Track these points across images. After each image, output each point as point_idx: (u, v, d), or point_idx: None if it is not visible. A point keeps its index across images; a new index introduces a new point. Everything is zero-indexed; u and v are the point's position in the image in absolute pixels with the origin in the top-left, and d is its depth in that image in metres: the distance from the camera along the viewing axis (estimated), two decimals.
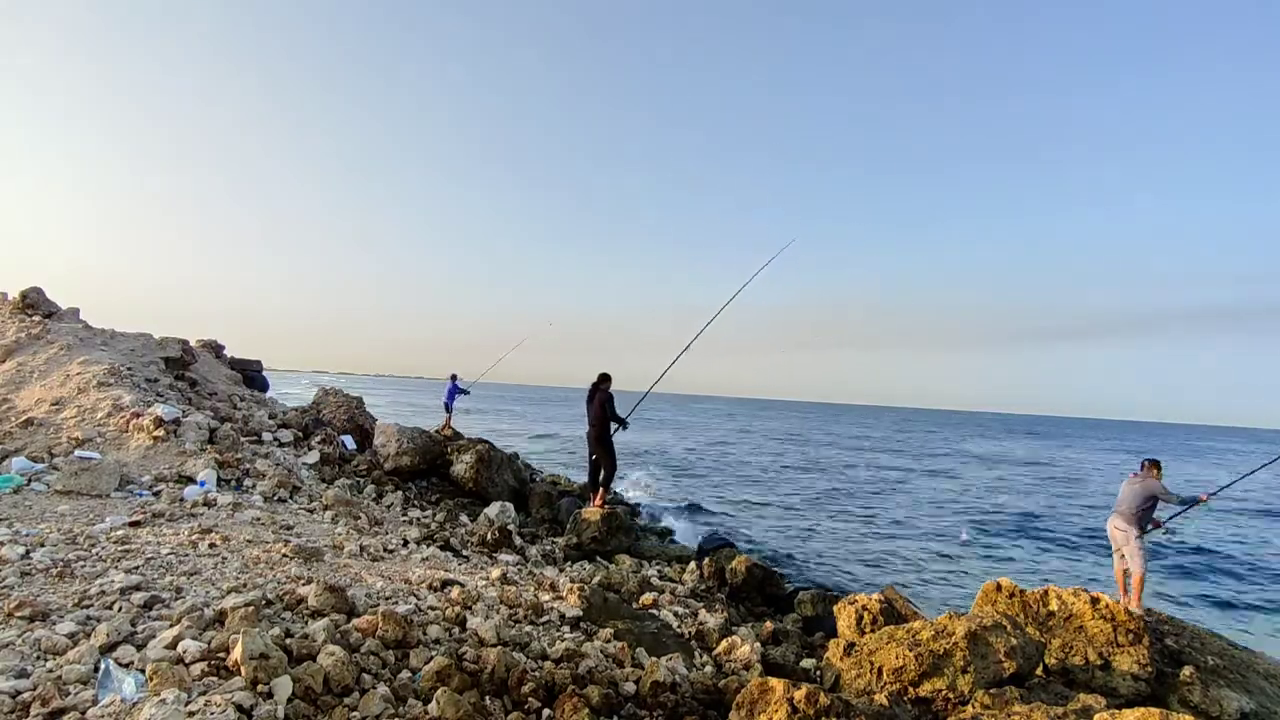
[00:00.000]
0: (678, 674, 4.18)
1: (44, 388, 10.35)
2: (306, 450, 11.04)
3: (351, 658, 3.44)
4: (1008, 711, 3.85)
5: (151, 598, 4.09)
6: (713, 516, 16.57)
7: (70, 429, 9.01)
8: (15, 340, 11.81)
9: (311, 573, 5.18)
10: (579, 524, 9.01)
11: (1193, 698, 5.16)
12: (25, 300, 13.54)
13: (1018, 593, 5.81)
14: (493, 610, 4.92)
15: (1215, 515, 20.88)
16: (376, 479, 10.68)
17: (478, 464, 11.38)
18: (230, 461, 8.88)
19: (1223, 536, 17.45)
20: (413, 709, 3.22)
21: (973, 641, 4.30)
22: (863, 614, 5.75)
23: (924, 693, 4.18)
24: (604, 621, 5.11)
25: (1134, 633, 5.32)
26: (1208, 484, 7.01)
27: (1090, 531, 17.28)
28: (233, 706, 2.78)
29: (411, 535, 7.71)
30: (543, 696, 3.61)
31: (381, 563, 6.20)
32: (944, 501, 21.58)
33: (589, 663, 4.15)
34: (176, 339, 14.16)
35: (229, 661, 3.20)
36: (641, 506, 15.49)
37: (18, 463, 7.65)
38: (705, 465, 28.64)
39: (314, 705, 3.09)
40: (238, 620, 3.67)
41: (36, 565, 4.56)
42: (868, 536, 15.22)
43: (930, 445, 51.83)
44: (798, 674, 5.17)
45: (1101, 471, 36.14)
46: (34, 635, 3.44)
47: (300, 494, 8.66)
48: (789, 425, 76.29)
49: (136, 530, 5.91)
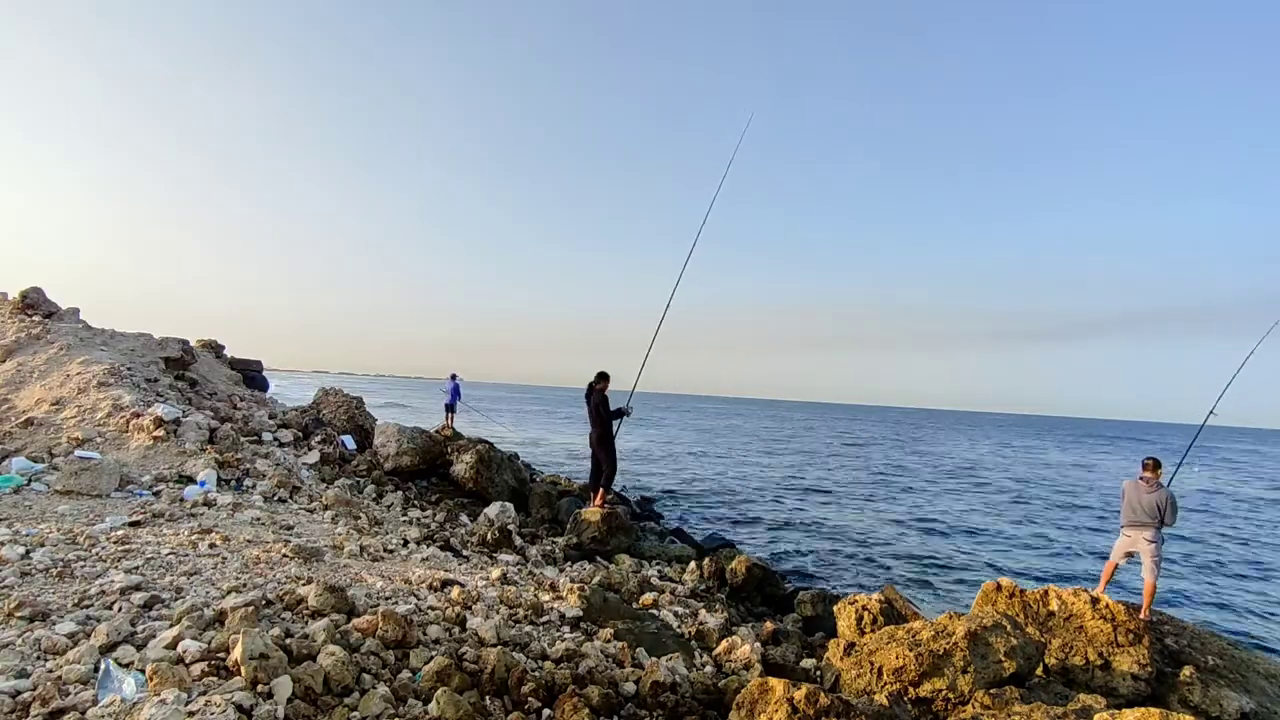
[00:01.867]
0: (678, 674, 4.18)
1: (44, 388, 10.35)
2: (306, 450, 11.04)
3: (351, 658, 3.44)
4: (1008, 711, 3.85)
5: (151, 598, 4.10)
6: (713, 516, 16.57)
7: (70, 429, 9.01)
8: (15, 340, 11.81)
9: (311, 573, 5.18)
10: (579, 524, 9.00)
11: (1193, 698, 5.17)
12: (25, 300, 13.55)
13: (1018, 593, 5.82)
14: (493, 610, 4.92)
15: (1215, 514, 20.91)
16: (376, 479, 10.68)
17: (478, 464, 11.38)
18: (230, 461, 8.88)
19: (1222, 536, 17.45)
20: (413, 709, 3.22)
21: (973, 641, 4.30)
22: (863, 614, 5.75)
23: (924, 693, 4.19)
24: (604, 621, 5.11)
25: (1134, 633, 5.32)
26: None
27: (1091, 531, 17.28)
28: (233, 706, 2.78)
29: (411, 535, 7.71)
30: (543, 696, 3.61)
31: (381, 563, 6.20)
32: (944, 501, 21.58)
33: (589, 663, 4.15)
34: (176, 339, 14.17)
35: (229, 661, 3.20)
36: (641, 507, 15.49)
37: (18, 463, 7.65)
38: (705, 465, 28.64)
39: (314, 705, 3.09)
40: (238, 620, 3.67)
41: (36, 565, 4.56)
42: (868, 536, 15.22)
43: (929, 445, 51.83)
44: (798, 674, 5.16)
45: (1098, 472, 36.13)
46: (34, 635, 3.44)
47: (300, 494, 8.66)
48: (788, 425, 76.33)
49: (136, 530, 5.91)
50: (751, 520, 16.35)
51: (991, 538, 16.08)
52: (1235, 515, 21.40)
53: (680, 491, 20.31)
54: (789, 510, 18.19)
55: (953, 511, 19.48)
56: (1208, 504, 23.43)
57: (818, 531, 15.50)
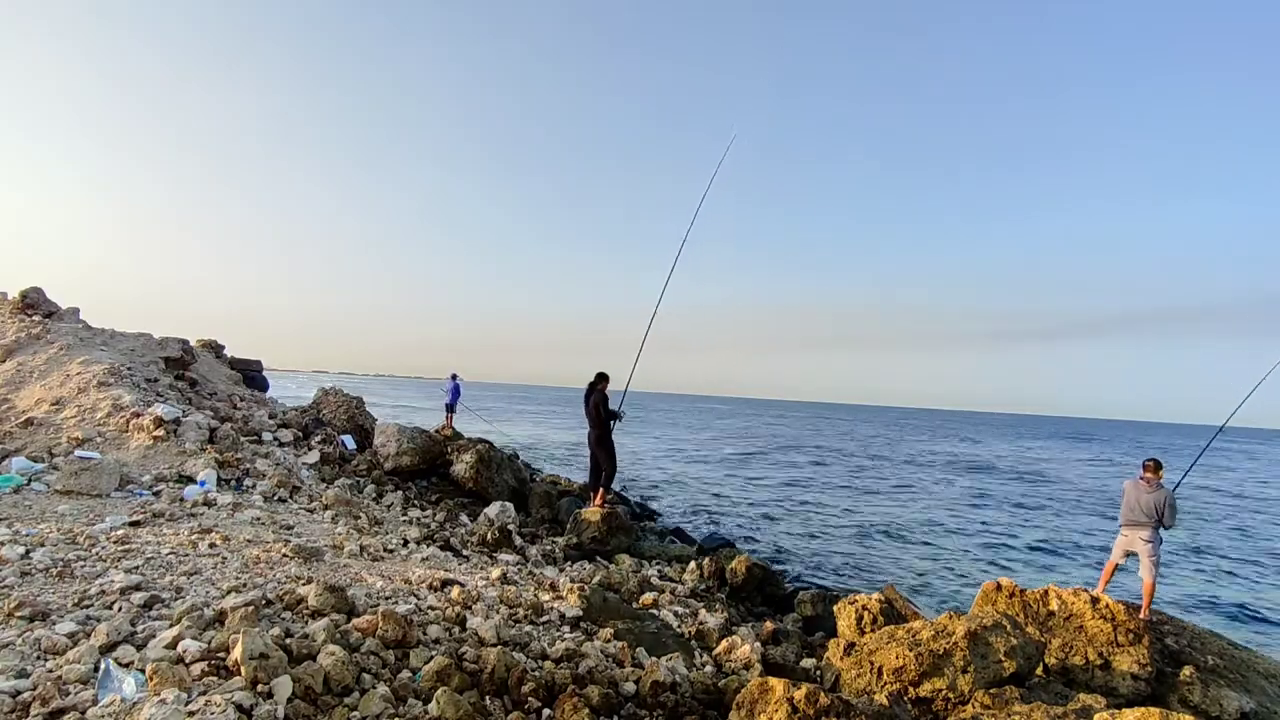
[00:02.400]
0: (678, 674, 4.18)
1: (44, 387, 10.35)
2: (307, 450, 11.04)
3: (351, 657, 3.44)
4: (1008, 711, 3.85)
5: (151, 597, 4.10)
6: (713, 516, 16.57)
7: (70, 429, 9.01)
8: (15, 340, 11.81)
9: (311, 572, 5.18)
10: (579, 524, 9.01)
11: (1193, 697, 5.17)
12: (25, 300, 13.55)
13: (1018, 593, 5.82)
14: (493, 610, 4.92)
15: (1215, 513, 20.91)
16: (376, 479, 10.68)
17: (478, 464, 11.38)
18: (230, 461, 8.88)
19: (1221, 535, 17.45)
20: (413, 709, 3.22)
21: (973, 641, 4.30)
22: (863, 614, 5.75)
23: (924, 693, 4.18)
24: (604, 621, 5.11)
25: (1134, 632, 5.32)
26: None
27: (1091, 531, 17.28)
28: (233, 706, 2.78)
29: (411, 535, 7.71)
30: (543, 696, 3.60)
31: (381, 562, 6.20)
32: (944, 501, 21.58)
33: (589, 663, 4.15)
34: (176, 339, 14.17)
35: (229, 661, 3.20)
36: (641, 507, 15.49)
37: (18, 463, 7.65)
38: (706, 465, 28.64)
39: (314, 705, 3.09)
40: (238, 620, 3.67)
41: (36, 565, 4.56)
42: (868, 536, 15.22)
43: (929, 445, 51.84)
44: (798, 674, 5.16)
45: (1099, 472, 36.13)
46: (34, 635, 3.44)
47: (300, 494, 8.66)
48: (787, 425, 76.30)
49: (136, 530, 5.91)
50: (751, 520, 16.35)
51: (992, 537, 16.08)
52: (1235, 515, 21.40)
53: (680, 491, 20.32)
54: (789, 510, 18.19)
55: (953, 511, 19.48)
56: (1208, 503, 23.44)
57: (818, 531, 15.50)
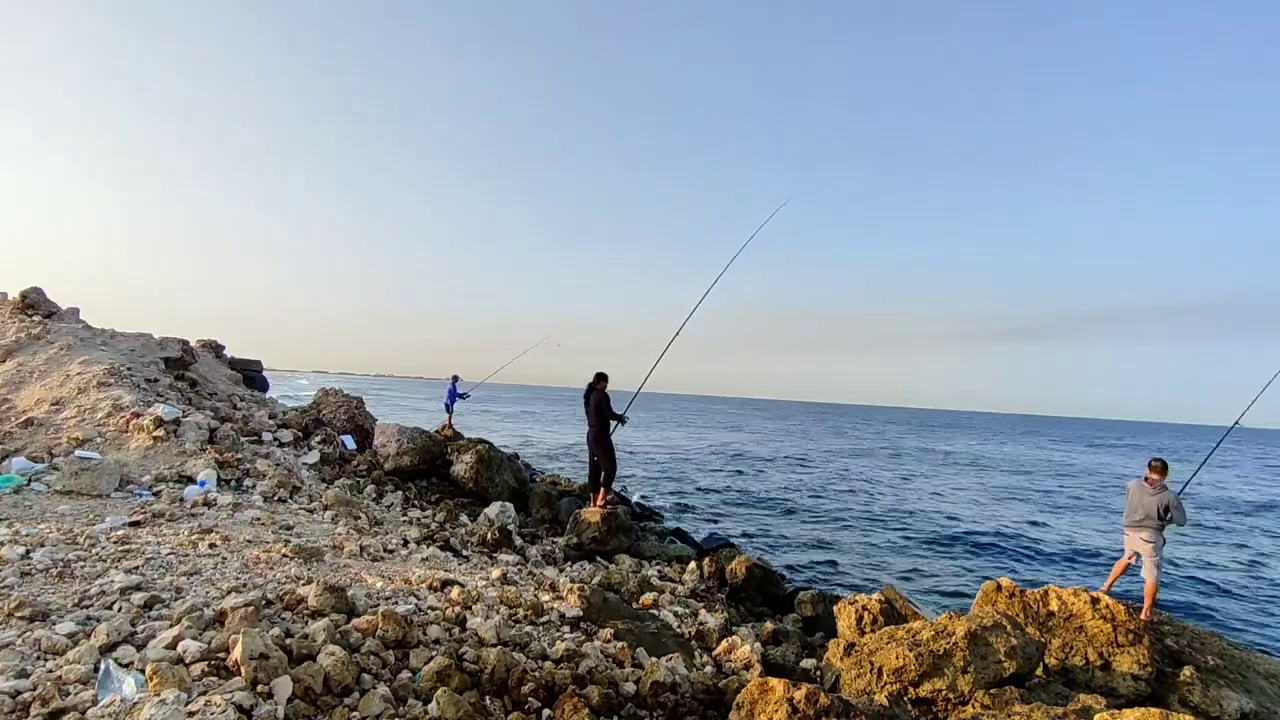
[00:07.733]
0: (678, 674, 4.18)
1: (44, 388, 10.35)
2: (306, 450, 11.04)
3: (351, 658, 3.44)
4: (1008, 711, 3.85)
5: (151, 598, 4.09)
6: (713, 516, 16.57)
7: (70, 429, 9.01)
8: (15, 340, 11.81)
9: (311, 573, 5.18)
10: (579, 524, 9.00)
11: (1193, 698, 5.17)
12: (25, 300, 13.55)
13: (1018, 593, 5.81)
14: (493, 610, 4.92)
15: (1214, 513, 20.90)
16: (376, 479, 10.68)
17: (478, 464, 11.38)
18: (230, 461, 8.88)
19: (1222, 536, 17.45)
20: (413, 709, 3.22)
21: (973, 641, 4.30)
22: (863, 614, 5.75)
23: (924, 693, 4.18)
24: (604, 621, 5.11)
25: (1134, 633, 5.32)
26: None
27: (1092, 532, 17.28)
28: (233, 706, 2.77)
29: (411, 535, 7.71)
30: (543, 696, 3.60)
31: (381, 563, 6.20)
32: (944, 501, 21.57)
33: (589, 663, 4.15)
34: (176, 339, 14.18)
35: (229, 661, 3.19)
36: (641, 507, 15.49)
37: (18, 463, 7.65)
38: (705, 465, 28.63)
39: (314, 705, 3.09)
40: (238, 620, 3.66)
41: (36, 565, 4.56)
42: (868, 536, 15.22)
43: (928, 444, 51.84)
44: (798, 674, 5.17)
45: (1100, 472, 36.12)
46: (34, 635, 3.44)
47: (300, 494, 8.66)
48: (787, 425, 76.32)
49: (136, 530, 5.91)
50: (751, 520, 16.36)
51: (992, 537, 16.07)
52: (1235, 516, 21.39)
53: (680, 491, 20.32)
54: (789, 510, 18.19)
55: (953, 511, 19.47)
56: (1209, 504, 23.43)
57: (818, 531, 15.50)
